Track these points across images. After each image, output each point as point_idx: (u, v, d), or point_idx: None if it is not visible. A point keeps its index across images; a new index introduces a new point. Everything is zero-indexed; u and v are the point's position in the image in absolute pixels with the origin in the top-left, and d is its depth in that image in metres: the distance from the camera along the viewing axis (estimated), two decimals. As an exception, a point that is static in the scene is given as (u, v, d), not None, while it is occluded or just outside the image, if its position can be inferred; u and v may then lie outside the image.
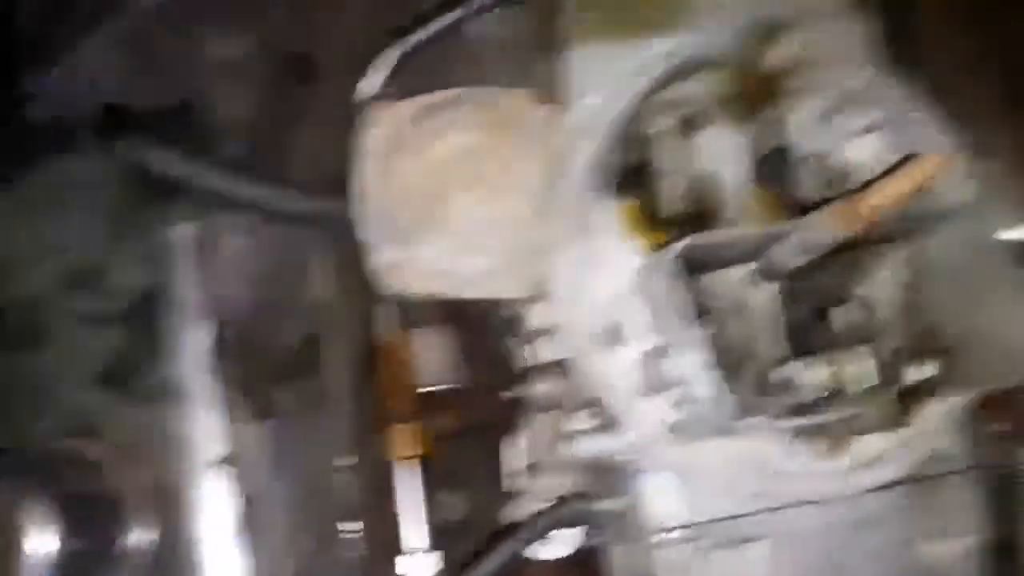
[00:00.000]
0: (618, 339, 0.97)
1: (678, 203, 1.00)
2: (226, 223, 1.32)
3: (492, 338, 1.23)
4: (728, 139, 0.99)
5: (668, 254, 0.89)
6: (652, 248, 0.98)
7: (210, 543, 1.20)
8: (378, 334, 1.28)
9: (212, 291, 1.31)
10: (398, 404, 1.25)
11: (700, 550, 0.95)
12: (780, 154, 1.02)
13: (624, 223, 1.00)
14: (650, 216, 1.01)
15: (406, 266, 1.07)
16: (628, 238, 0.99)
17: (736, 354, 0.97)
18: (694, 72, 1.00)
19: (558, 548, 1.17)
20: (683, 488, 0.96)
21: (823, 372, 0.93)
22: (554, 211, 1.02)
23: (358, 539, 1.24)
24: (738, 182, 0.99)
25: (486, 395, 1.25)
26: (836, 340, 0.96)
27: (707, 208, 1.00)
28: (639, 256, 0.97)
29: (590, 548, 1.15)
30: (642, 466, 0.97)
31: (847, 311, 0.98)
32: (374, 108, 1.14)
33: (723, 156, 0.99)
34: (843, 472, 0.94)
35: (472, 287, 1.08)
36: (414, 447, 1.24)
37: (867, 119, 0.97)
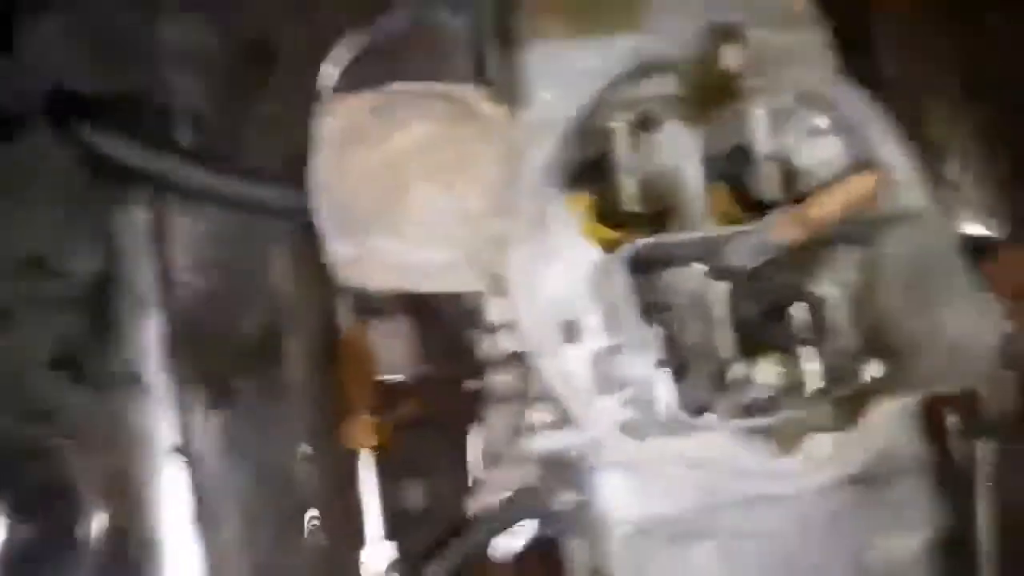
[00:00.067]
0: (573, 336, 0.97)
1: (635, 200, 1.00)
2: (182, 209, 1.30)
3: (452, 328, 1.22)
4: (685, 137, 0.99)
5: (621, 255, 0.89)
6: (609, 244, 0.97)
7: (167, 532, 1.20)
8: (338, 324, 1.27)
9: (167, 278, 1.30)
10: (358, 394, 1.25)
11: (653, 547, 0.95)
12: (739, 153, 1.02)
13: (581, 219, 1.00)
14: (607, 212, 1.01)
15: (363, 259, 1.06)
16: (585, 234, 0.98)
17: (690, 352, 0.97)
18: (652, 71, 0.99)
19: (517, 541, 1.17)
20: (637, 485, 0.96)
21: (775, 371, 0.93)
22: (512, 206, 1.01)
23: (318, 529, 1.24)
24: (696, 180, 0.99)
25: (446, 386, 1.25)
26: (789, 339, 0.97)
27: (665, 205, 0.99)
28: (595, 253, 0.97)
29: (549, 541, 1.15)
30: (597, 462, 0.97)
31: (800, 310, 0.99)
32: (332, 98, 1.13)
33: (681, 154, 0.99)
34: (796, 470, 0.94)
35: (430, 280, 1.07)
36: (374, 437, 1.24)
37: (822, 121, 0.97)
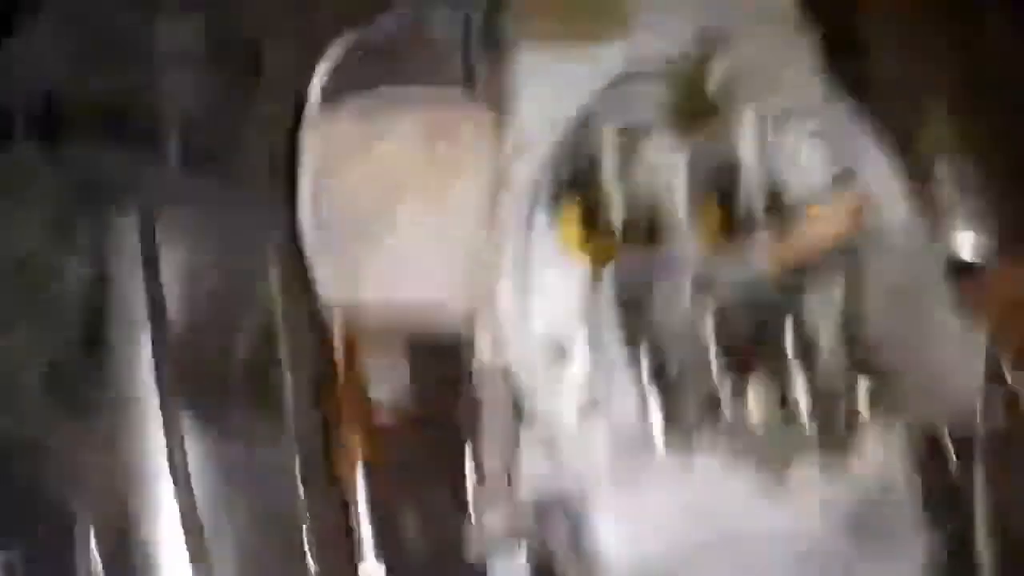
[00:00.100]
0: (561, 358, 0.96)
1: (623, 214, 0.99)
2: (172, 230, 1.30)
3: (446, 349, 1.21)
4: (673, 151, 0.98)
5: (605, 276, 0.88)
6: (595, 258, 0.97)
7: (159, 557, 1.20)
8: (331, 345, 1.26)
9: (159, 301, 1.29)
10: (351, 412, 1.24)
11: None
12: (726, 166, 1.01)
13: (568, 235, 0.99)
14: (594, 228, 1.00)
15: (349, 278, 1.06)
16: (572, 252, 0.98)
17: (678, 372, 0.96)
18: (639, 83, 0.98)
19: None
20: (628, 523, 0.95)
21: (760, 392, 0.92)
22: (498, 222, 1.00)
23: (311, 553, 1.24)
24: (683, 194, 0.98)
25: (440, 404, 1.24)
26: (778, 358, 0.96)
27: (652, 220, 0.98)
28: (581, 272, 0.96)
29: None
30: (586, 495, 0.96)
31: (788, 329, 0.97)
32: (317, 112, 1.12)
33: (668, 168, 0.98)
34: (785, 497, 0.93)
35: (419, 294, 1.07)
36: (367, 456, 1.23)
37: (810, 133, 0.96)
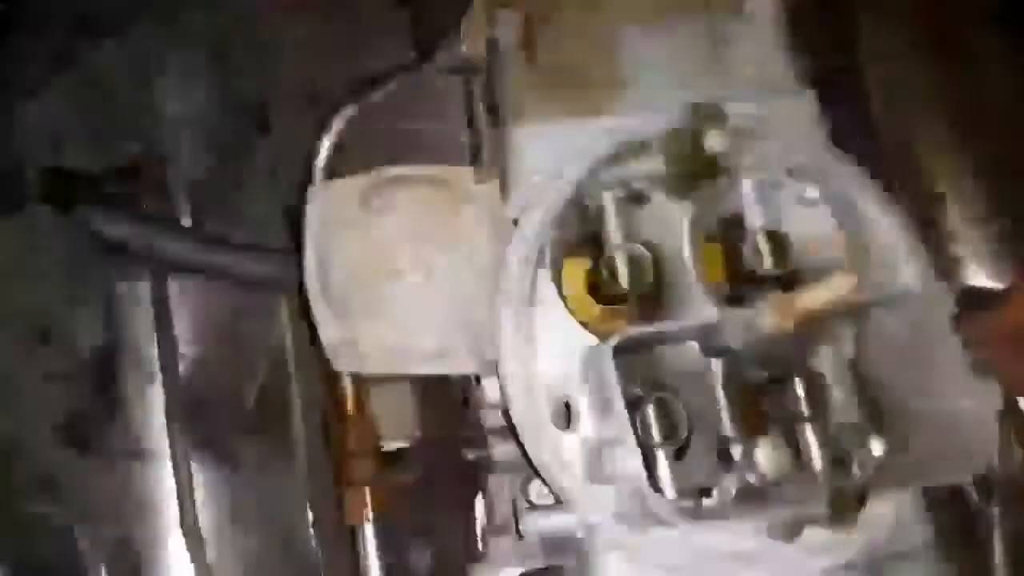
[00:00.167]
0: (565, 420, 0.96)
1: (627, 276, 0.98)
2: (183, 281, 1.32)
3: (453, 395, 1.21)
4: (674, 213, 0.98)
5: (608, 345, 0.87)
6: (599, 326, 0.97)
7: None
8: (340, 389, 1.26)
9: (171, 349, 1.31)
10: (359, 460, 1.24)
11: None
12: (731, 220, 1.01)
13: (572, 298, 0.99)
14: (599, 289, 1.00)
15: (355, 344, 1.06)
16: (576, 315, 0.97)
17: (689, 430, 0.95)
18: (639, 150, 0.98)
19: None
20: (634, 568, 0.94)
21: (772, 451, 0.91)
22: (501, 288, 1.01)
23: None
24: (686, 254, 0.98)
25: (447, 453, 1.24)
26: (785, 418, 0.95)
27: (657, 280, 0.98)
28: (585, 336, 0.96)
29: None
30: (592, 545, 0.95)
31: (799, 385, 0.97)
32: (323, 182, 1.14)
33: (670, 228, 0.98)
34: (797, 554, 0.92)
35: (423, 365, 1.07)
36: (376, 504, 1.23)
37: (812, 192, 0.96)
